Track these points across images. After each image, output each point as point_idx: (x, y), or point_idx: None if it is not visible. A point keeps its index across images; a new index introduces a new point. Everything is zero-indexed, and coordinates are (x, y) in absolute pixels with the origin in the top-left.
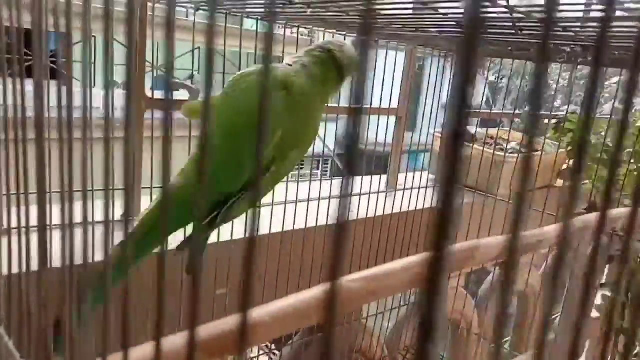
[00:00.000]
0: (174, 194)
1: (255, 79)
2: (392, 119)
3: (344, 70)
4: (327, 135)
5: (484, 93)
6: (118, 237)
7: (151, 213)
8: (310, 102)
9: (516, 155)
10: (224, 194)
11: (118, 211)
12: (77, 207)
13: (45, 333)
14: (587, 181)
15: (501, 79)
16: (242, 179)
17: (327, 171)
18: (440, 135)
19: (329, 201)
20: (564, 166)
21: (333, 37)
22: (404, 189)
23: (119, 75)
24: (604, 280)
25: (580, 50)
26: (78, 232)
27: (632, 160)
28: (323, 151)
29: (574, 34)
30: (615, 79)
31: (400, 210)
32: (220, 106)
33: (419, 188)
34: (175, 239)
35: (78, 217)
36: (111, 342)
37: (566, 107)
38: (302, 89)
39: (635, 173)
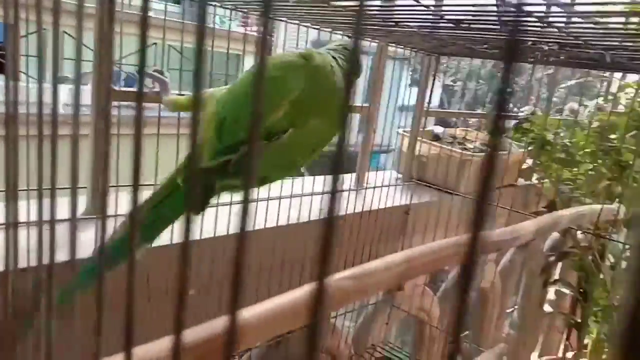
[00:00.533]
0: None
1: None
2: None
3: (357, 72)
4: None
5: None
6: (82, 234)
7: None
8: (331, 75)
9: (482, 154)
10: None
11: (82, 209)
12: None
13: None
14: (546, 180)
15: (456, 82)
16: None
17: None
18: (405, 134)
19: (311, 198)
20: (524, 165)
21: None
22: (374, 187)
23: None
24: (557, 277)
25: (555, 48)
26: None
27: (587, 160)
28: None
29: (557, 30)
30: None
31: (371, 208)
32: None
33: (388, 186)
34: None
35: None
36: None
37: (525, 107)
38: (324, 61)
39: (591, 172)
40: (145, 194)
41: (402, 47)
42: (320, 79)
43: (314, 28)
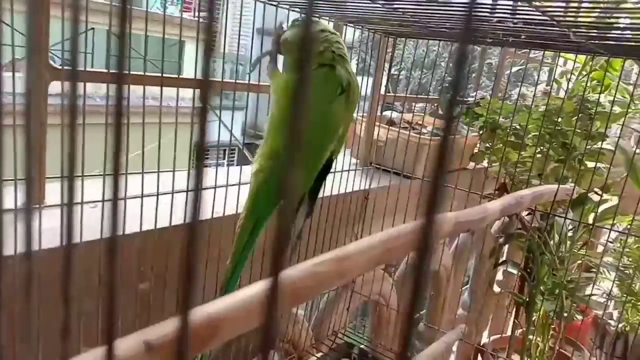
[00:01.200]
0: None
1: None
2: None
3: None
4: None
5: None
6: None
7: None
8: (355, 99)
9: (437, 138)
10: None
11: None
12: None
13: None
14: (496, 163)
15: (400, 71)
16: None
17: (233, 160)
18: (362, 120)
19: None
20: (475, 149)
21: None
22: (334, 172)
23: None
24: (504, 258)
25: (519, 26)
26: None
27: (536, 143)
28: (230, 140)
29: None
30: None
31: (331, 193)
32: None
33: (348, 170)
34: None
35: None
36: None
37: (476, 92)
38: (352, 89)
39: (539, 156)
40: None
41: (359, 27)
42: (351, 108)
43: (270, 3)
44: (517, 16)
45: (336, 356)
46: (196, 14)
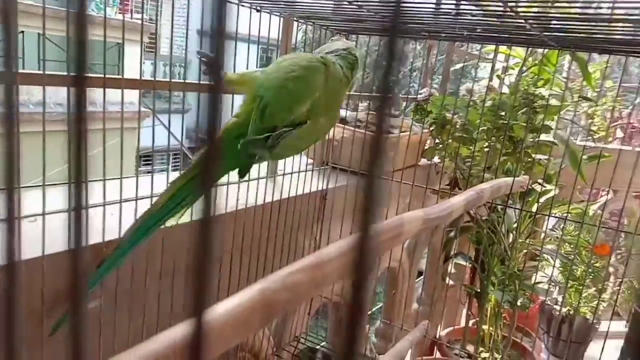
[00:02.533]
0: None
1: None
2: None
3: (356, 68)
4: (174, 128)
5: None
6: None
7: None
8: (337, 82)
9: (392, 135)
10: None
11: None
12: None
13: None
14: (447, 158)
15: None
16: (290, 116)
17: (178, 165)
18: None
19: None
20: (426, 145)
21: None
22: (291, 173)
23: None
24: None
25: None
26: None
27: (485, 137)
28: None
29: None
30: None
31: (289, 195)
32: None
33: (305, 171)
34: None
35: None
36: None
37: (423, 90)
38: (335, 70)
39: (487, 149)
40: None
41: (311, 23)
42: (334, 83)
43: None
44: (480, 7)
45: None
46: (133, 15)
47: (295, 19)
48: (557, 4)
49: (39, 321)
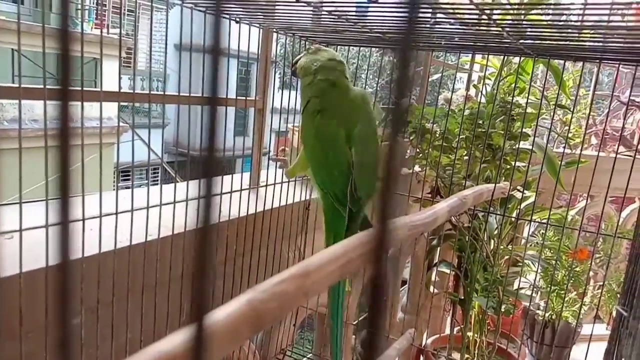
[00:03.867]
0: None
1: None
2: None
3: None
4: (153, 143)
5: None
6: None
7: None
8: (340, 98)
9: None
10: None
11: None
12: None
13: None
14: (428, 167)
15: None
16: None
17: (157, 180)
18: (297, 129)
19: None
20: (406, 155)
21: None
22: (274, 184)
23: None
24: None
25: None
26: None
27: (464, 145)
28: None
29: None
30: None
31: (272, 206)
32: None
33: (287, 182)
34: None
35: None
36: None
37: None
38: (330, 99)
39: (466, 157)
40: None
41: (290, 34)
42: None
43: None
44: (457, 16)
45: None
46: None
47: (275, 30)
48: (530, 13)
49: (17, 340)
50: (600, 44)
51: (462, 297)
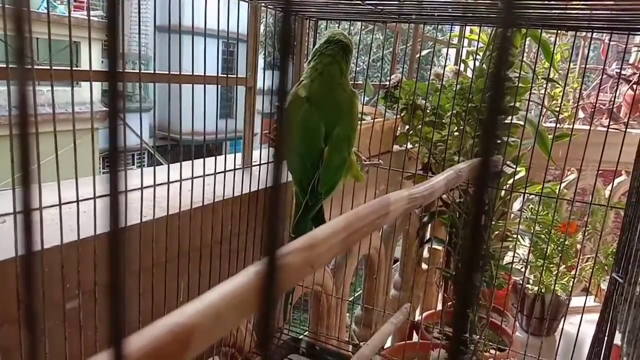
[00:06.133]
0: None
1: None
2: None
3: (349, 48)
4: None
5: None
6: None
7: None
8: (328, 92)
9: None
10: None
11: None
12: None
13: None
14: (421, 144)
15: None
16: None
17: (144, 164)
18: None
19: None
20: (398, 132)
21: None
22: (268, 163)
23: None
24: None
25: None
26: None
27: (455, 121)
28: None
29: None
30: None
31: (266, 186)
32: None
33: (268, 162)
34: None
35: None
36: None
37: (393, 76)
38: (318, 89)
39: (457, 133)
40: None
41: (279, 9)
42: (324, 102)
43: None
44: None
45: (283, 353)
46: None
47: (263, 4)
48: None
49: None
50: (589, 11)
51: (454, 273)
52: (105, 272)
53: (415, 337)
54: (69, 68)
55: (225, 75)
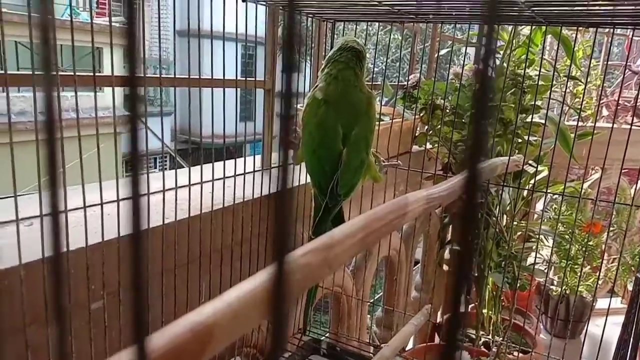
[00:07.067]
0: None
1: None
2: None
3: (362, 55)
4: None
5: None
6: None
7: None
8: (345, 94)
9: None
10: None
11: None
12: None
13: None
14: (441, 144)
15: None
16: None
17: (166, 167)
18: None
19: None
20: (417, 132)
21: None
22: (278, 166)
23: None
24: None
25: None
26: None
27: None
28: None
29: None
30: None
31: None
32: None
33: (293, 164)
34: None
35: None
36: None
37: (411, 76)
38: (335, 91)
39: None
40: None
41: (297, 12)
42: (341, 105)
43: None
44: None
45: (304, 354)
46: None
47: (281, 7)
48: None
49: (20, 334)
50: (612, 7)
51: (476, 274)
52: (128, 273)
53: (436, 339)
54: (91, 74)
55: (244, 79)
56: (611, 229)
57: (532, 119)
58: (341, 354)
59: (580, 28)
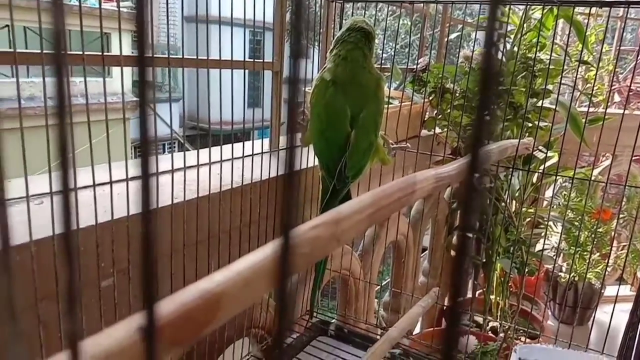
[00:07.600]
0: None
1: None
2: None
3: (372, 36)
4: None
5: None
6: None
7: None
8: (354, 75)
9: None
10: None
11: None
12: None
13: None
14: (450, 128)
15: None
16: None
17: (174, 152)
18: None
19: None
20: (426, 116)
21: None
22: (286, 148)
23: None
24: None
25: None
26: None
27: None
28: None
29: None
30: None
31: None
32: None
33: (301, 147)
34: None
35: None
36: None
37: (421, 60)
38: (343, 72)
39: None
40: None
41: None
42: (349, 87)
43: None
44: None
45: (312, 335)
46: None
47: None
48: None
49: (32, 309)
50: None
51: (484, 260)
52: (138, 250)
53: (444, 324)
54: (101, 53)
55: (252, 60)
56: (621, 215)
57: (542, 103)
58: (349, 335)
59: (593, 9)
